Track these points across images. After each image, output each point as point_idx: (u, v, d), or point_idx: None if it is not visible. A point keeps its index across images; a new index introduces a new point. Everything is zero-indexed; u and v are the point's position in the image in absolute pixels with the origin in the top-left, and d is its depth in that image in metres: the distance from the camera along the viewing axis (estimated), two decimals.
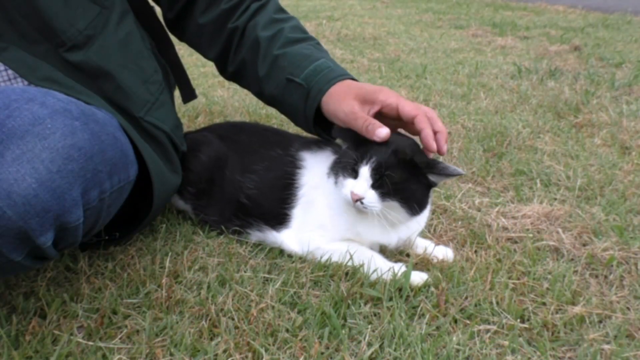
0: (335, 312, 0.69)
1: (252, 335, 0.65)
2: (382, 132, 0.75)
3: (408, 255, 0.85)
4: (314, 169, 0.85)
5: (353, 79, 0.86)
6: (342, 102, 0.81)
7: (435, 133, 0.78)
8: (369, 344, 0.64)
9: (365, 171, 0.74)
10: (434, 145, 0.77)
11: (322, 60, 0.86)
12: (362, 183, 0.75)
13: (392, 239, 0.81)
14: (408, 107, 0.78)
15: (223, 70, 0.99)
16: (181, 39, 1.01)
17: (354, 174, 0.76)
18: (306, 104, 0.85)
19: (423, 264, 0.82)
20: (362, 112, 0.79)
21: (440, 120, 0.80)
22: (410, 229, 0.83)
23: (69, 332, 0.66)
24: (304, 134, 0.97)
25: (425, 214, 0.84)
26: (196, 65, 2.24)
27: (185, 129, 1.36)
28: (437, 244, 0.87)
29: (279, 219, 0.85)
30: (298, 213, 0.84)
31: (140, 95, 0.82)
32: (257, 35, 0.89)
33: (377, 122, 0.76)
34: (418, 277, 0.76)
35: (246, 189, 0.86)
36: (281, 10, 0.96)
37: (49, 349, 0.64)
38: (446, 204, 1.01)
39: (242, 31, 0.92)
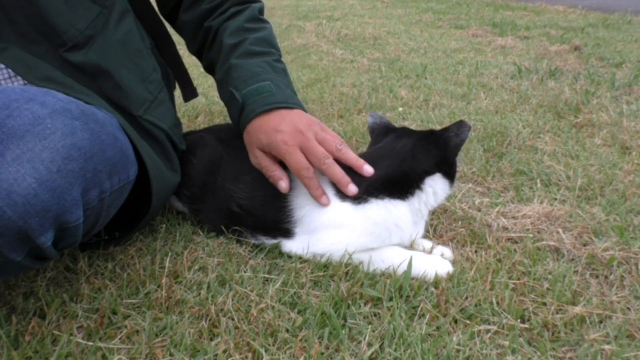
0: (335, 312, 0.69)
1: (252, 336, 0.65)
2: (281, 185, 0.82)
3: None
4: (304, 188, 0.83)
5: (294, 106, 0.86)
6: (250, 149, 0.87)
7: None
8: (369, 344, 0.64)
9: None
10: (350, 185, 0.80)
11: (267, 83, 0.86)
12: None
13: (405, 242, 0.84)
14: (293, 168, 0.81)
15: (202, 65, 1.04)
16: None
17: None
18: (239, 120, 0.87)
19: None
20: (266, 160, 0.84)
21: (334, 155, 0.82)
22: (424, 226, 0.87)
23: (69, 332, 0.66)
24: None
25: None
26: (196, 65, 2.23)
27: (185, 128, 1.36)
28: (437, 244, 0.87)
29: (279, 232, 0.83)
30: (301, 230, 0.82)
31: (139, 94, 0.82)
32: (222, 40, 0.93)
33: (277, 174, 0.82)
34: (444, 268, 0.78)
35: (238, 198, 0.85)
36: (256, 19, 0.98)
37: (49, 349, 0.64)
38: (446, 204, 1.01)
39: (215, 32, 0.95)
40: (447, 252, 0.84)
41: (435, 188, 0.84)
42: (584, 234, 0.90)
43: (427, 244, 0.85)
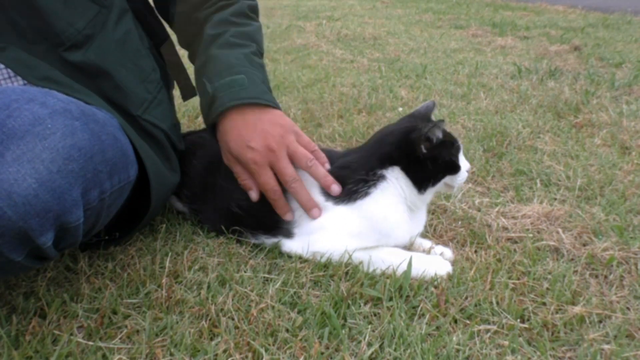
0: (335, 312, 0.69)
1: (252, 335, 0.65)
2: (252, 195, 0.83)
3: None
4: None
5: (265, 102, 0.83)
6: (222, 150, 0.86)
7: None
8: (369, 344, 0.64)
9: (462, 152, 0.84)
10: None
11: (241, 76, 0.84)
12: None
13: (406, 239, 0.83)
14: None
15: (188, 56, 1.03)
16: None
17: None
18: (209, 113, 0.85)
19: None
20: (238, 167, 0.84)
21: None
22: (423, 224, 0.86)
23: (69, 332, 0.66)
24: None
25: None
26: None
27: (185, 129, 1.36)
28: (437, 244, 0.87)
29: (279, 232, 0.84)
30: (300, 231, 0.82)
31: (138, 94, 0.82)
32: (204, 31, 0.91)
33: (247, 183, 0.83)
34: (443, 268, 0.78)
35: (238, 199, 0.85)
36: (243, 14, 0.95)
37: (49, 349, 0.64)
38: (446, 204, 1.01)
39: (201, 23, 0.94)
40: (447, 252, 0.84)
41: (399, 181, 0.80)
42: (584, 233, 0.90)
43: (427, 244, 0.86)
